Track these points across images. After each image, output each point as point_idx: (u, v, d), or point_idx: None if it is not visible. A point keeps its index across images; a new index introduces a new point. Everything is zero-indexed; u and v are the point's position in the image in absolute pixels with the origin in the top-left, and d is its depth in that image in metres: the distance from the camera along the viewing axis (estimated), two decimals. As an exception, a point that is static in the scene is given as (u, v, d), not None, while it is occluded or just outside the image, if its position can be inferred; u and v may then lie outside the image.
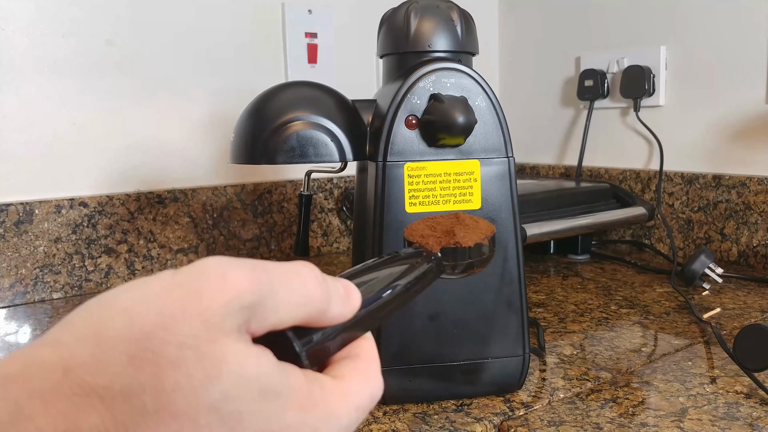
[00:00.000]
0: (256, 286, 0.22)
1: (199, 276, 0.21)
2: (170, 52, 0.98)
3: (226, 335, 0.21)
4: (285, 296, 0.23)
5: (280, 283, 0.23)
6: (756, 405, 0.54)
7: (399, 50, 0.56)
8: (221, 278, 0.21)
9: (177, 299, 0.21)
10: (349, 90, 0.62)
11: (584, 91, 1.19)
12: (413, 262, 0.30)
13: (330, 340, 0.25)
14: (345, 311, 0.25)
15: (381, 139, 0.53)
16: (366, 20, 1.15)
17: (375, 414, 0.54)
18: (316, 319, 0.24)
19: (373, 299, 0.27)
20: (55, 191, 0.91)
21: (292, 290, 0.23)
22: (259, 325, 0.22)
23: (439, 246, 0.31)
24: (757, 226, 0.99)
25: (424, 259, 0.31)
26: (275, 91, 0.57)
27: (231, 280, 0.21)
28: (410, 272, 0.29)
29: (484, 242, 0.33)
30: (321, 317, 0.24)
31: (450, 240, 0.32)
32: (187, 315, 0.20)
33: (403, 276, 0.29)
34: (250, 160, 0.56)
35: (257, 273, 0.22)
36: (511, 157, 0.55)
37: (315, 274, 0.24)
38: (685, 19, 1.07)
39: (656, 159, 1.11)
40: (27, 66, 0.87)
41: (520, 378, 0.56)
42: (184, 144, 1.01)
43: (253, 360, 0.21)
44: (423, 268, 0.30)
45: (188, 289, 0.21)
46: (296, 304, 0.23)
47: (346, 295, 0.26)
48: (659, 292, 0.88)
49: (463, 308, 0.54)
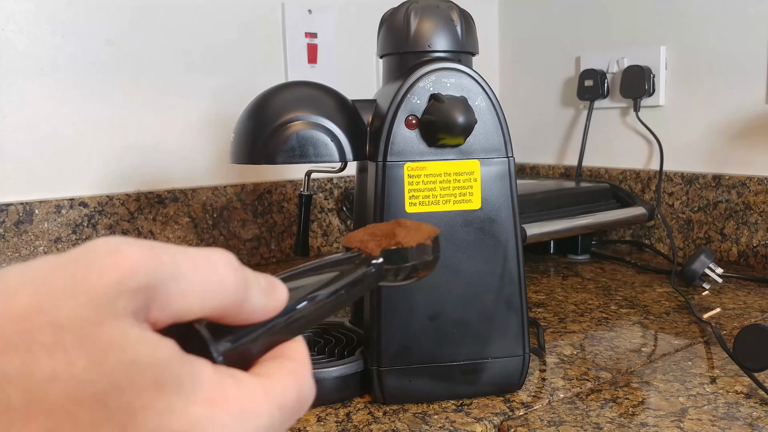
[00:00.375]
0: (154, 265, 0.19)
1: (86, 254, 0.19)
2: (170, 52, 0.98)
3: (116, 318, 0.18)
4: (192, 280, 0.20)
5: (187, 266, 0.20)
6: (756, 405, 0.54)
7: (399, 50, 0.56)
8: (112, 255, 0.18)
9: (59, 278, 0.18)
10: (349, 90, 0.62)
11: (584, 91, 1.19)
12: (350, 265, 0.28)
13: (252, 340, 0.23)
14: (268, 305, 0.23)
15: (381, 139, 0.53)
16: (366, 20, 1.15)
17: (375, 414, 0.54)
18: (232, 311, 0.21)
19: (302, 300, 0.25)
20: (55, 191, 0.91)
21: (201, 275, 0.20)
22: (161, 312, 0.19)
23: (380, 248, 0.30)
24: (757, 226, 0.99)
25: (363, 261, 0.29)
26: (275, 91, 0.57)
27: (124, 258, 0.18)
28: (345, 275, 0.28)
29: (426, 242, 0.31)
30: (238, 310, 0.22)
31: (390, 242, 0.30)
32: (69, 295, 0.18)
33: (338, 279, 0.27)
34: (250, 160, 0.56)
35: (158, 252, 0.19)
36: (511, 157, 0.55)
37: (229, 260, 0.22)
38: (685, 19, 1.07)
39: (656, 159, 1.11)
40: (27, 66, 0.87)
41: (520, 378, 0.56)
42: (184, 144, 1.01)
43: (149, 346, 0.18)
44: (360, 271, 0.28)
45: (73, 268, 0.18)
46: (205, 290, 0.20)
47: (269, 288, 0.23)
48: (659, 292, 0.88)
49: (463, 308, 0.54)
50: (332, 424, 0.52)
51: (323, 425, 0.52)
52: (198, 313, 0.21)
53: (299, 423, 0.52)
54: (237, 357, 0.22)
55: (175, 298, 0.20)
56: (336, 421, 0.53)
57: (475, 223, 0.54)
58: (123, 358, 0.18)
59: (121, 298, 0.18)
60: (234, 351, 0.22)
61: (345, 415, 0.54)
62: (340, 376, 0.55)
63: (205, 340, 0.21)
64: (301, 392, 0.23)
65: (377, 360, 0.54)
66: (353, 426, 0.52)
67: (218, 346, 0.21)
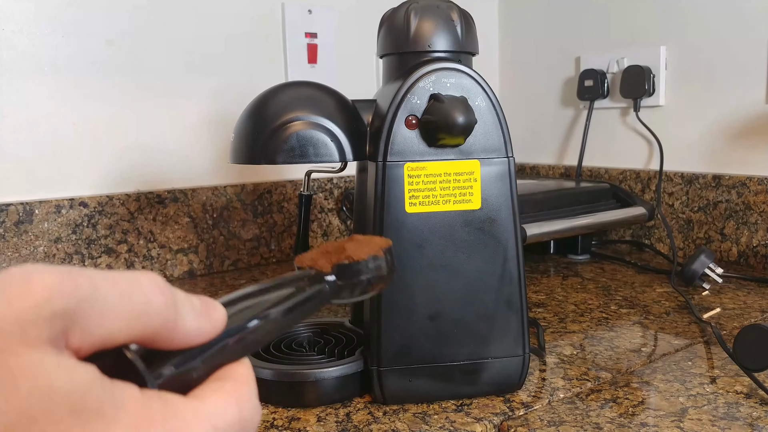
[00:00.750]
0: (70, 290, 0.18)
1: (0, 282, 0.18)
2: (170, 52, 0.98)
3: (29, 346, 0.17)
4: (113, 303, 0.19)
5: (107, 289, 0.19)
6: (756, 405, 0.54)
7: (399, 50, 0.56)
8: (25, 282, 0.18)
9: None
10: (349, 90, 0.62)
11: (584, 91, 1.19)
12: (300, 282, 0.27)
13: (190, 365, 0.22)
14: (203, 327, 0.22)
15: (381, 139, 0.53)
16: (366, 20, 1.15)
17: (375, 414, 0.54)
18: (163, 335, 0.21)
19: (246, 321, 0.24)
20: (55, 191, 0.91)
21: (124, 298, 0.19)
22: (83, 338, 0.18)
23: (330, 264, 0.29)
24: (757, 226, 0.99)
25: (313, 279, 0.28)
26: (275, 91, 0.57)
27: (37, 284, 0.18)
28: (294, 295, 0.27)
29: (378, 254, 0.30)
30: (170, 333, 0.21)
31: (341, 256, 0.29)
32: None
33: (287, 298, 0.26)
34: (250, 160, 0.56)
35: (74, 277, 0.18)
36: (511, 157, 0.55)
37: (156, 282, 0.21)
38: (685, 19, 1.07)
39: (656, 159, 1.11)
40: (27, 66, 0.87)
41: (520, 378, 0.56)
42: (184, 144, 1.01)
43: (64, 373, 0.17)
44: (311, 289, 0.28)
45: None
46: (130, 313, 0.19)
47: (204, 309, 0.22)
48: (659, 292, 0.88)
49: (463, 308, 0.54)
50: (332, 424, 0.52)
51: (323, 425, 0.52)
52: (124, 338, 0.20)
53: (299, 423, 0.53)
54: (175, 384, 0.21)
55: (95, 322, 0.19)
56: (336, 421, 0.53)
57: (475, 223, 0.54)
58: (36, 386, 0.17)
59: (33, 326, 0.17)
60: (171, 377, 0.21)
61: (345, 415, 0.54)
62: (340, 376, 0.55)
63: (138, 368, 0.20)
64: (242, 413, 0.22)
65: (377, 360, 0.54)
66: (353, 426, 0.52)
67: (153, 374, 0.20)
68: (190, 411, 0.20)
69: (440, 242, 0.53)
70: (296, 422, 0.53)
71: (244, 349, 0.24)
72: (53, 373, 0.17)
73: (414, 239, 0.53)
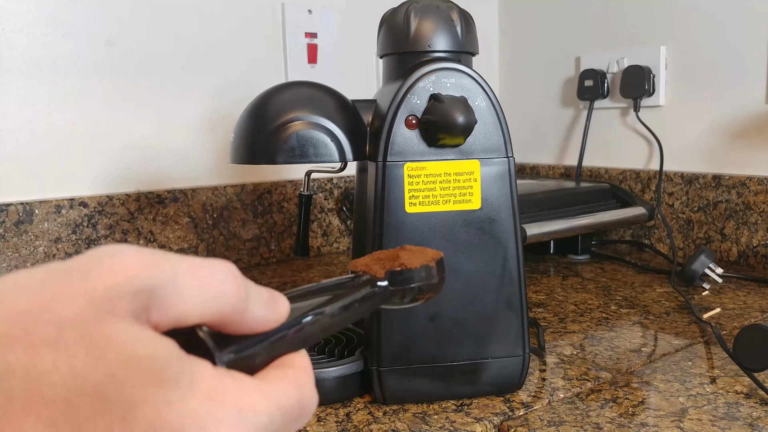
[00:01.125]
0: (153, 271, 0.20)
1: (88, 260, 0.20)
2: (170, 51, 0.98)
3: (116, 317, 0.19)
4: (191, 286, 0.21)
5: (186, 272, 0.21)
6: (756, 405, 0.54)
7: (399, 50, 0.56)
8: (113, 260, 0.20)
9: (61, 282, 0.19)
10: (349, 90, 0.62)
11: (584, 91, 1.19)
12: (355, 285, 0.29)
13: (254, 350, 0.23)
14: (269, 316, 0.23)
15: (381, 139, 0.53)
16: (366, 20, 1.15)
17: (375, 414, 0.54)
18: (233, 319, 0.22)
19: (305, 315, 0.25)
20: (55, 191, 0.91)
21: (201, 281, 0.21)
22: (162, 315, 0.20)
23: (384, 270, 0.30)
24: (757, 226, 0.99)
25: (367, 282, 0.30)
26: (275, 91, 0.57)
27: (123, 262, 0.20)
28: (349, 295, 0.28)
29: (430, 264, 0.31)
30: (239, 319, 0.22)
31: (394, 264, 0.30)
32: (70, 296, 0.19)
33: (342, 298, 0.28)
34: (250, 160, 0.56)
35: (157, 259, 0.20)
36: (511, 157, 0.55)
37: (230, 270, 0.22)
38: (685, 19, 1.07)
39: (656, 159, 1.11)
40: (27, 66, 0.87)
41: (520, 378, 0.56)
42: (184, 144, 1.01)
43: (147, 343, 0.19)
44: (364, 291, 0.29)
45: (75, 272, 0.19)
46: (205, 296, 0.21)
47: (271, 300, 0.24)
48: (659, 292, 0.88)
49: (463, 308, 0.54)
50: (332, 424, 0.52)
51: (323, 425, 0.52)
52: (197, 319, 0.21)
53: (299, 423, 0.53)
54: (240, 366, 0.22)
55: (174, 302, 0.20)
56: (336, 421, 0.53)
57: (475, 223, 0.54)
58: (121, 353, 0.18)
59: (120, 299, 0.19)
60: (237, 359, 0.22)
61: (345, 415, 0.54)
62: (340, 376, 0.55)
63: (209, 347, 0.22)
64: (302, 399, 0.23)
65: (377, 360, 0.54)
66: (353, 426, 0.52)
67: (221, 354, 0.22)
68: (257, 390, 0.22)
69: (440, 242, 0.53)
70: (296, 422, 0.53)
71: (303, 341, 0.25)
72: (137, 341, 0.19)
73: (414, 239, 0.53)
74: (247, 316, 0.23)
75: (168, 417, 0.19)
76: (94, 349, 0.18)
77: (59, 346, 0.18)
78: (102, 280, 0.19)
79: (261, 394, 0.22)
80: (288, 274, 1.01)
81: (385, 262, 0.31)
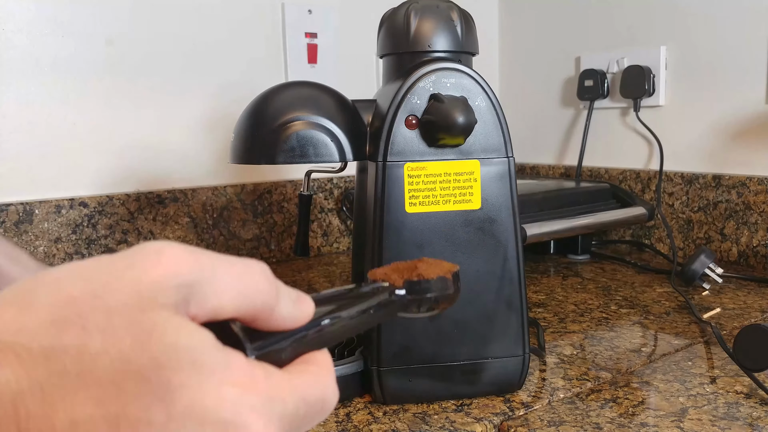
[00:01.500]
0: (195, 266, 0.22)
1: (135, 253, 0.21)
2: (170, 51, 0.98)
3: (159, 307, 0.20)
4: (228, 282, 0.22)
5: (224, 269, 0.23)
6: (756, 405, 0.54)
7: (399, 50, 0.56)
8: (158, 255, 0.21)
9: (111, 272, 0.21)
10: (349, 90, 0.62)
11: (584, 91, 1.19)
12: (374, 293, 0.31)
13: (281, 346, 0.25)
14: (296, 314, 0.25)
15: (381, 139, 0.53)
16: (366, 20, 1.15)
17: (375, 414, 0.54)
18: (263, 315, 0.24)
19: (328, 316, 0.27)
20: (55, 191, 0.91)
21: (237, 278, 0.23)
22: (199, 308, 0.22)
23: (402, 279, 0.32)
24: (757, 226, 0.99)
25: (385, 290, 0.31)
26: (275, 91, 0.57)
27: (168, 257, 0.21)
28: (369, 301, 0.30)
29: (447, 276, 0.33)
30: (269, 315, 0.24)
31: (412, 274, 0.32)
32: (119, 285, 0.20)
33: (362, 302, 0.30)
34: (250, 160, 0.56)
35: (198, 255, 0.22)
36: (511, 157, 0.55)
37: (263, 269, 0.24)
38: (685, 19, 1.07)
39: (656, 159, 1.11)
40: (27, 66, 0.87)
41: (520, 378, 0.56)
42: (184, 144, 1.01)
43: (187, 333, 0.21)
44: (382, 298, 0.31)
45: (123, 264, 0.21)
46: (240, 291, 0.23)
47: (299, 300, 0.25)
48: (659, 292, 0.88)
49: (463, 308, 0.54)
50: (332, 424, 0.52)
51: (323, 425, 0.52)
52: (231, 313, 0.23)
53: (299, 423, 0.53)
54: (268, 359, 0.24)
55: (211, 296, 0.22)
56: (336, 421, 0.53)
57: (475, 223, 0.54)
58: (164, 340, 0.20)
59: (164, 291, 0.21)
60: (265, 353, 0.24)
61: (345, 415, 0.54)
62: (340, 376, 0.55)
63: (241, 339, 0.23)
64: (325, 393, 0.25)
65: (377, 360, 0.54)
66: (353, 426, 0.52)
67: (252, 348, 0.23)
68: (285, 382, 0.23)
69: (440, 242, 0.53)
70: (296, 422, 0.53)
71: (325, 340, 0.27)
72: (178, 330, 0.20)
73: (414, 239, 0.53)
74: (276, 314, 0.24)
75: (204, 401, 0.20)
76: (139, 336, 0.20)
77: (108, 331, 0.19)
78: (148, 273, 0.21)
79: (288, 385, 0.23)
80: (288, 274, 1.01)
81: (404, 272, 0.33)
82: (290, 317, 0.25)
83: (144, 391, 0.19)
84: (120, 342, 0.19)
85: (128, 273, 0.21)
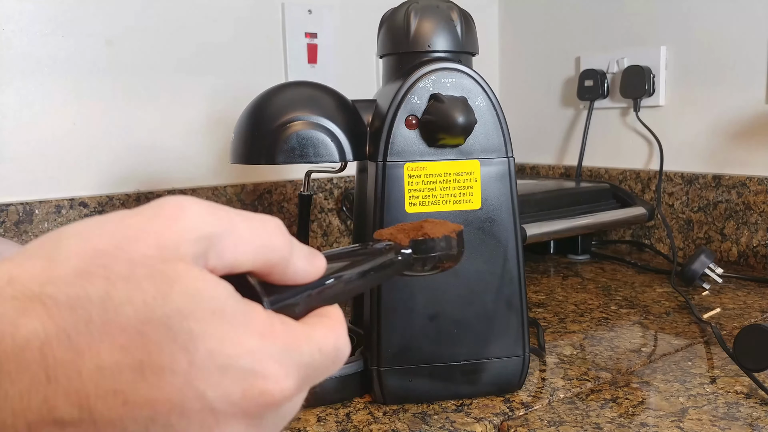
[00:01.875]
0: (214, 220, 0.22)
1: (156, 207, 0.22)
2: (170, 51, 0.98)
3: (180, 259, 0.21)
4: (245, 236, 0.23)
5: (241, 223, 0.23)
6: (756, 405, 0.54)
7: (399, 50, 0.56)
8: (178, 209, 0.22)
9: (133, 224, 0.21)
10: (349, 90, 0.62)
11: (584, 91, 1.19)
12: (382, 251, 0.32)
13: (295, 299, 0.26)
14: (309, 269, 0.26)
15: (381, 139, 0.53)
16: (366, 20, 1.15)
17: (375, 414, 0.54)
18: (278, 269, 0.24)
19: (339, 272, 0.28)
20: (55, 191, 0.91)
21: (253, 232, 0.23)
22: (218, 260, 0.22)
23: (408, 239, 0.33)
24: (757, 226, 0.99)
25: (392, 248, 0.32)
26: (275, 91, 0.57)
27: (188, 211, 0.22)
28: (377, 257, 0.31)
29: (452, 236, 0.34)
30: (284, 269, 0.25)
31: (418, 233, 0.33)
32: (141, 237, 0.21)
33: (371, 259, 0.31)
34: (250, 160, 0.56)
35: (216, 209, 0.23)
36: (511, 157, 0.55)
37: (278, 224, 0.25)
38: (685, 19, 1.07)
39: (656, 159, 1.11)
40: (27, 66, 0.87)
41: (520, 378, 0.56)
42: (184, 144, 1.01)
43: (208, 283, 0.21)
44: (390, 255, 0.32)
45: (145, 217, 0.22)
46: (256, 245, 0.23)
47: (311, 255, 0.26)
48: (659, 292, 0.88)
49: (463, 308, 0.54)
50: (332, 424, 0.52)
51: (323, 425, 0.52)
52: (248, 266, 0.23)
53: (299, 423, 0.53)
54: (283, 312, 0.25)
55: (229, 249, 0.23)
56: (336, 421, 0.53)
57: (475, 223, 0.54)
58: (186, 291, 0.21)
59: (184, 244, 0.21)
60: (281, 306, 0.25)
61: (345, 415, 0.54)
62: (340, 376, 0.55)
63: (258, 292, 0.24)
64: (337, 343, 0.25)
65: (377, 360, 0.54)
66: (353, 426, 0.52)
67: (269, 300, 0.24)
68: (301, 332, 0.24)
69: (440, 242, 0.53)
70: (296, 422, 0.53)
71: (336, 295, 0.28)
72: (200, 280, 0.21)
73: (414, 239, 0.53)
74: (291, 268, 0.25)
75: (225, 350, 0.21)
76: (162, 286, 0.20)
77: (132, 281, 0.20)
78: (169, 226, 0.21)
79: (304, 335, 0.24)
80: (288, 274, 1.01)
81: (409, 231, 0.33)
82: (304, 272, 0.25)
83: (167, 339, 0.20)
84: (143, 292, 0.20)
85: (150, 226, 0.21)
